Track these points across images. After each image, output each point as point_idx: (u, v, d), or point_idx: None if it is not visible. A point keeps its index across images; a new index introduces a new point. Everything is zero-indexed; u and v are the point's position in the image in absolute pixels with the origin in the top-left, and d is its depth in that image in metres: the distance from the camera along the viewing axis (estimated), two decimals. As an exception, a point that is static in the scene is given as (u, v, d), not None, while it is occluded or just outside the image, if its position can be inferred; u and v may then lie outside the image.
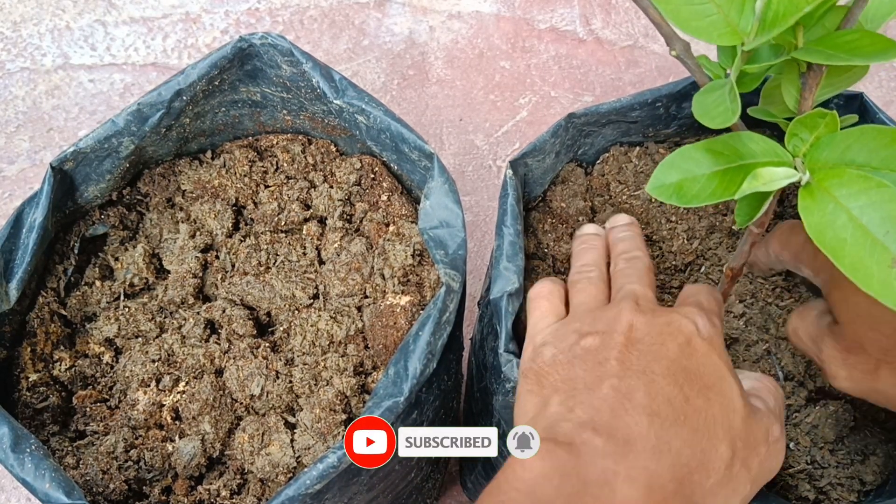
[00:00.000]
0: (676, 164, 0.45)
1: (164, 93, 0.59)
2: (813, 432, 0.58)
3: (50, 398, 0.53)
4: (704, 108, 0.43)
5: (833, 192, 0.39)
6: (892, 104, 1.17)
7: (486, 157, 1.12)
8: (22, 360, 0.53)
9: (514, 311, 0.56)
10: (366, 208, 0.65)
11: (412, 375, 0.50)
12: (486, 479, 0.74)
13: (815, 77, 0.43)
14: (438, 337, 0.52)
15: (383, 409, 0.49)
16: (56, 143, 1.10)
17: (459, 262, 0.55)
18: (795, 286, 0.65)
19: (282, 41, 0.62)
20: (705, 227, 0.67)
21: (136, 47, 1.18)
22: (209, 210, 0.64)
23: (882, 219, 0.37)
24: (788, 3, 0.38)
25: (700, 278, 0.65)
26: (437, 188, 0.58)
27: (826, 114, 0.40)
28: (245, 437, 0.56)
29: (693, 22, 0.41)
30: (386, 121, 0.60)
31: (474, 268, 1.05)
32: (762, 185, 0.40)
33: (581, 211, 0.68)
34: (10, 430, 0.47)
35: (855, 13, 0.40)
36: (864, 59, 0.37)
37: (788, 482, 0.56)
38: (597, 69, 1.19)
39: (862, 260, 0.37)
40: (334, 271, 0.61)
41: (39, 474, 0.46)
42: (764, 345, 0.61)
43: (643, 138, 0.71)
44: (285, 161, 0.68)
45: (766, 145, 0.43)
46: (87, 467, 0.51)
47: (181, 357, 0.59)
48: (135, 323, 0.58)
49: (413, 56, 1.20)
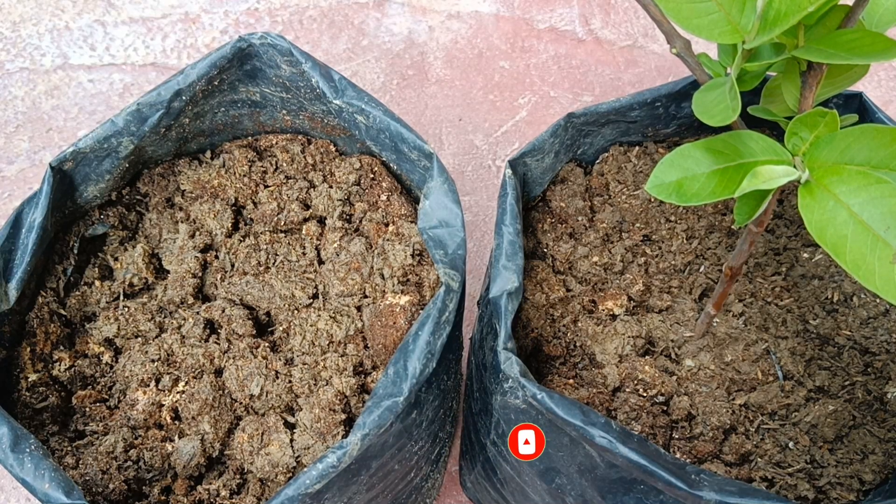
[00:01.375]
0: (676, 162, 0.45)
1: (163, 93, 0.59)
2: (812, 431, 0.58)
3: (49, 398, 0.53)
4: (704, 105, 0.43)
5: (833, 189, 0.39)
6: (892, 104, 1.17)
7: (485, 157, 1.12)
8: (21, 360, 0.53)
9: (514, 309, 0.56)
10: (365, 208, 0.65)
11: (412, 375, 0.50)
12: (485, 480, 0.73)
13: (816, 76, 0.43)
14: (438, 337, 0.52)
15: (382, 409, 0.49)
16: (55, 143, 1.10)
17: (459, 261, 0.55)
18: (795, 286, 0.65)
19: (281, 41, 0.62)
20: (704, 226, 0.67)
21: (136, 47, 1.18)
22: (208, 210, 0.63)
23: (882, 215, 0.37)
24: (791, 3, 0.38)
25: (699, 277, 0.65)
26: (437, 188, 0.58)
27: (826, 113, 0.40)
28: (244, 437, 0.56)
29: (694, 20, 0.41)
30: (385, 120, 0.60)
31: (474, 267, 1.04)
32: (762, 183, 0.40)
33: (580, 210, 0.68)
34: (10, 430, 0.46)
35: (856, 13, 0.40)
36: (864, 59, 0.37)
37: (788, 481, 0.56)
38: (596, 69, 1.19)
39: (863, 256, 0.37)
40: (334, 271, 0.61)
41: (39, 474, 0.46)
42: (763, 344, 0.61)
43: (642, 138, 0.71)
44: (285, 161, 0.68)
45: (766, 144, 0.43)
46: (87, 467, 0.51)
47: (181, 357, 0.59)
48: (134, 323, 0.58)
49: (412, 56, 1.20)
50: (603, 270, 0.65)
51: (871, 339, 0.61)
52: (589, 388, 0.59)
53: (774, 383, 0.60)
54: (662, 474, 0.47)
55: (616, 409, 0.58)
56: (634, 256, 0.66)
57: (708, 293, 0.65)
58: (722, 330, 0.61)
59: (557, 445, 0.55)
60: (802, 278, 0.65)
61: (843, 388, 0.60)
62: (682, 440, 0.58)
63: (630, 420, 0.57)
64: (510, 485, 0.67)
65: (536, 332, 0.62)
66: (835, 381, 0.60)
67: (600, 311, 0.63)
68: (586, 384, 0.60)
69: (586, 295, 0.64)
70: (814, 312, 0.63)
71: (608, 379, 0.59)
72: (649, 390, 0.59)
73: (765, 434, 0.58)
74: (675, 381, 0.60)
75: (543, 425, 0.54)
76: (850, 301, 0.63)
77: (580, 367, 0.62)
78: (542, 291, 0.63)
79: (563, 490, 0.59)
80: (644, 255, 0.66)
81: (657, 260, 0.66)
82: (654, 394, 0.59)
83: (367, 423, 0.49)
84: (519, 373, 0.52)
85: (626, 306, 0.64)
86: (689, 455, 0.57)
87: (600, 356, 0.61)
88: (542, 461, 0.58)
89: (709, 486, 0.47)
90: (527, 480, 0.62)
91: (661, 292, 0.64)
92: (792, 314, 0.63)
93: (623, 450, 0.48)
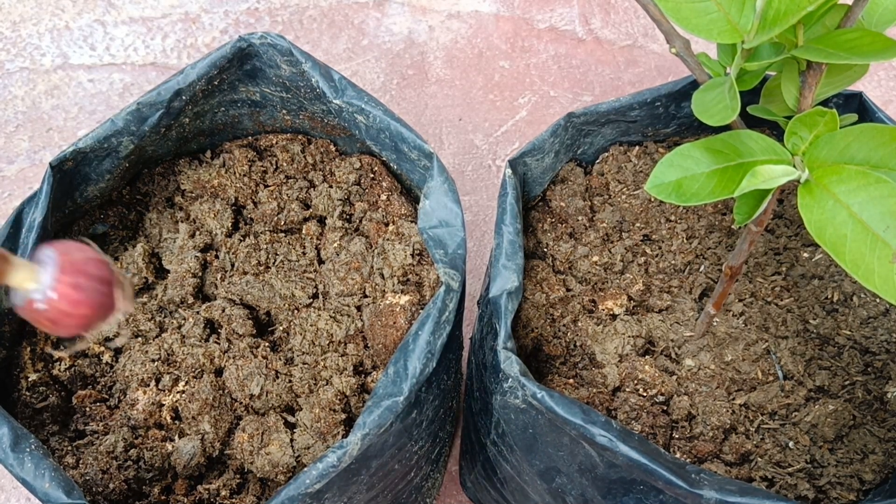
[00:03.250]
0: (675, 162, 0.45)
1: (163, 93, 0.59)
2: (812, 431, 0.58)
3: (49, 398, 0.53)
4: (704, 105, 0.43)
5: (832, 189, 0.39)
6: (891, 103, 1.17)
7: (485, 157, 1.12)
8: (22, 359, 0.53)
9: (514, 309, 0.56)
10: (365, 208, 0.65)
11: (412, 375, 0.50)
12: (485, 479, 0.74)
13: (815, 75, 0.43)
14: (438, 336, 0.52)
15: (383, 409, 0.49)
16: (55, 142, 1.10)
17: (459, 261, 0.55)
18: (795, 285, 0.65)
19: (281, 41, 0.62)
20: (704, 226, 0.67)
21: (136, 47, 1.18)
22: (209, 210, 0.63)
23: (882, 214, 0.37)
24: (790, 2, 0.38)
25: (699, 277, 0.65)
26: (437, 188, 0.58)
27: (825, 112, 0.40)
28: (245, 437, 0.56)
29: (693, 19, 0.41)
30: (385, 120, 0.60)
31: (474, 267, 1.05)
32: (761, 182, 0.40)
33: (580, 210, 0.68)
34: (10, 429, 0.46)
35: (855, 12, 0.40)
36: (864, 58, 0.37)
37: (788, 481, 0.56)
38: (596, 69, 1.19)
39: (863, 256, 0.37)
40: (334, 270, 0.61)
41: (39, 474, 0.46)
42: (763, 344, 0.61)
43: (642, 138, 0.71)
44: (285, 160, 0.68)
45: (766, 143, 0.43)
46: (87, 467, 0.51)
47: (181, 357, 0.59)
48: (134, 322, 0.58)
49: (412, 56, 1.20)
50: (603, 270, 0.65)
51: (870, 338, 0.61)
52: (589, 387, 0.59)
53: (774, 383, 0.60)
54: (663, 473, 0.47)
55: (616, 408, 0.58)
56: (634, 256, 0.66)
57: (708, 293, 0.65)
58: (722, 329, 0.61)
59: (557, 445, 0.55)
60: (802, 278, 0.65)
61: (843, 388, 0.60)
62: (682, 440, 0.58)
63: (630, 420, 0.57)
64: (510, 484, 0.67)
65: (536, 331, 0.62)
66: (835, 381, 0.60)
67: (600, 311, 0.63)
68: (586, 384, 0.60)
69: (586, 294, 0.64)
70: (814, 312, 0.63)
71: (608, 379, 0.59)
72: (649, 390, 0.59)
73: (765, 434, 0.58)
74: (675, 380, 0.60)
75: (543, 425, 0.55)
76: (850, 301, 0.63)
77: (580, 366, 0.62)
78: (542, 291, 0.63)
79: (563, 490, 0.59)
80: (644, 255, 0.66)
81: (657, 259, 0.66)
82: (654, 393, 0.59)
83: (367, 423, 0.49)
84: (519, 372, 0.52)
85: (626, 306, 0.64)
86: (690, 455, 0.57)
87: (600, 356, 0.61)
88: (543, 460, 0.58)
89: (709, 486, 0.47)
90: (527, 480, 0.62)
91: (661, 292, 0.64)
92: (792, 314, 0.63)
93: (624, 449, 0.48)
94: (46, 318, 0.34)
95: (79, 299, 0.33)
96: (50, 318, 0.33)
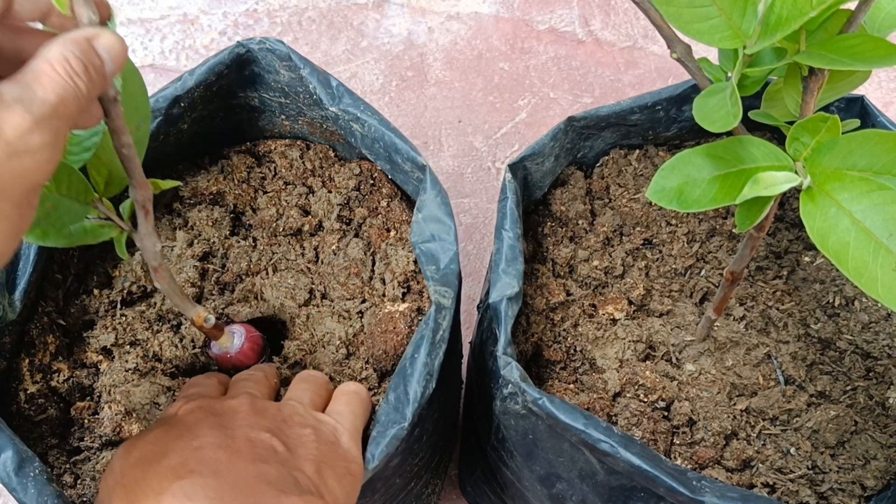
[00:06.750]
0: (677, 168, 0.45)
1: (161, 100, 0.59)
2: (814, 437, 0.58)
3: (48, 410, 0.52)
4: (705, 111, 0.43)
5: (835, 195, 0.39)
6: (892, 105, 1.17)
7: (485, 159, 1.12)
8: (20, 371, 0.52)
9: (514, 314, 0.55)
10: (365, 213, 0.65)
11: (413, 399, 0.50)
12: (485, 483, 0.73)
13: (817, 81, 0.42)
14: (434, 357, 0.51)
15: (389, 438, 0.49)
16: (54, 146, 1.10)
17: (451, 276, 0.55)
18: (796, 289, 0.64)
19: (280, 46, 0.61)
20: (706, 230, 0.67)
21: (134, 49, 1.18)
22: (207, 217, 0.63)
23: (885, 221, 0.37)
24: (792, 7, 0.38)
25: (700, 281, 0.64)
26: (430, 200, 0.57)
27: (828, 118, 0.40)
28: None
29: (695, 24, 0.41)
30: (380, 130, 0.59)
31: (474, 270, 1.04)
32: (763, 189, 0.40)
33: (581, 214, 0.68)
34: (15, 452, 0.46)
35: (858, 18, 0.39)
36: (866, 64, 0.37)
37: (789, 487, 0.56)
38: (596, 70, 1.19)
39: (866, 264, 0.37)
40: (333, 275, 0.61)
41: (42, 501, 0.45)
42: (764, 348, 0.61)
43: (643, 141, 0.71)
44: (283, 166, 0.67)
45: (767, 149, 0.43)
46: (85, 487, 0.50)
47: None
48: (132, 332, 0.57)
49: (412, 57, 1.19)
50: (603, 274, 0.65)
51: (872, 343, 0.61)
52: (589, 393, 0.59)
53: (776, 388, 0.60)
54: (664, 480, 0.47)
55: (617, 414, 0.58)
56: (635, 260, 0.66)
57: (709, 297, 0.65)
58: (723, 334, 0.61)
59: (557, 451, 0.55)
60: (804, 282, 0.65)
61: (845, 393, 0.60)
62: (683, 446, 0.58)
63: (631, 426, 0.57)
64: (510, 490, 0.67)
65: (536, 336, 0.62)
66: (836, 386, 0.60)
67: (601, 316, 0.63)
68: (587, 389, 0.60)
69: (587, 299, 0.64)
70: (815, 316, 0.63)
71: (609, 384, 0.59)
72: (650, 395, 0.59)
73: (766, 439, 0.58)
74: (676, 385, 0.60)
75: (543, 430, 0.54)
76: (851, 305, 0.63)
77: (580, 371, 0.62)
78: (542, 296, 0.63)
79: (563, 496, 0.58)
80: (645, 259, 0.66)
81: (658, 264, 0.66)
82: (654, 399, 0.59)
83: (376, 455, 0.49)
84: (519, 378, 0.52)
85: (626, 310, 0.63)
86: (691, 461, 0.57)
87: (601, 361, 0.61)
88: (543, 466, 0.58)
89: (710, 492, 0.47)
90: (527, 486, 0.62)
91: (662, 296, 0.64)
92: (793, 318, 0.63)
93: (625, 455, 0.48)
94: (228, 362, 0.56)
95: (247, 358, 0.56)
96: (230, 362, 0.56)
